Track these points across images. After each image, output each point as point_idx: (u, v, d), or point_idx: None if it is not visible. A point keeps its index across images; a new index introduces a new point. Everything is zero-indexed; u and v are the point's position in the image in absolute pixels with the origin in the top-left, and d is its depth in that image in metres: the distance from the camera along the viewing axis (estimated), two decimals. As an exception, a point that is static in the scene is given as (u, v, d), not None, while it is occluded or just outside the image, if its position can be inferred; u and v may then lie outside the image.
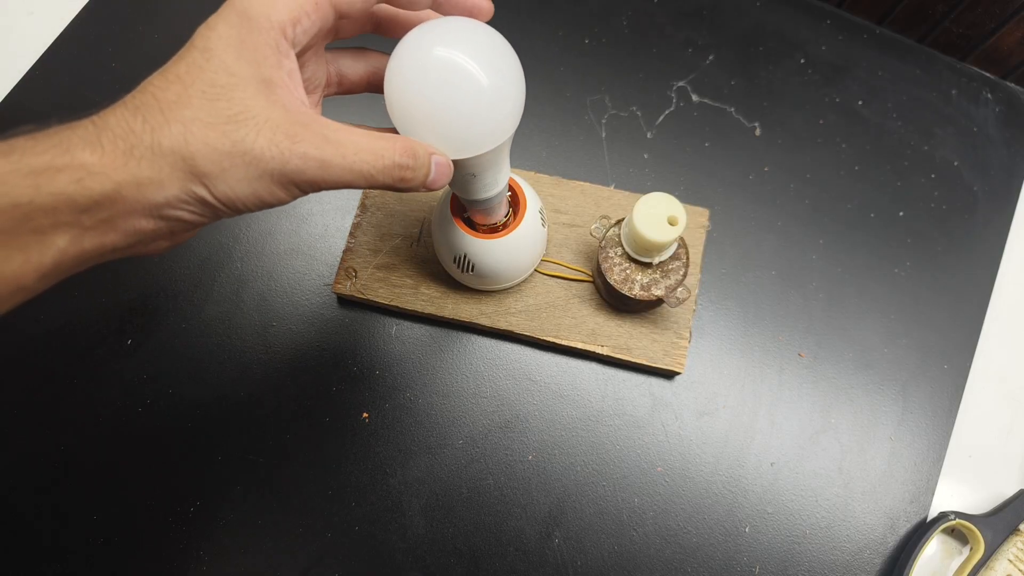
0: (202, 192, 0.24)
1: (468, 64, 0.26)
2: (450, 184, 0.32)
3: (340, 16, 0.26)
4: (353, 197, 0.49)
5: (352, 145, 0.25)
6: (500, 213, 0.39)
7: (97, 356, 0.45)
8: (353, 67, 0.31)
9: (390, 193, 0.47)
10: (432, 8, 0.29)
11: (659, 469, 0.44)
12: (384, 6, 0.29)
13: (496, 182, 0.34)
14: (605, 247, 0.41)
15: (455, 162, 0.29)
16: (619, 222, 0.42)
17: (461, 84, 0.26)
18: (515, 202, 0.41)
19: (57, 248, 0.22)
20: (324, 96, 0.31)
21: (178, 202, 0.23)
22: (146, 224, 0.23)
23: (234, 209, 0.25)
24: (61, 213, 0.21)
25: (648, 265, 0.41)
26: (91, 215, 0.22)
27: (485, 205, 0.36)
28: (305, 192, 0.25)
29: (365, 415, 0.44)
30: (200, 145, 0.23)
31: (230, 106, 0.23)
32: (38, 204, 0.21)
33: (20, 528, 0.42)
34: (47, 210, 0.21)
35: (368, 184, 0.26)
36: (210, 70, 0.23)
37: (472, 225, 0.40)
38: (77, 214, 0.22)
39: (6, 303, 0.22)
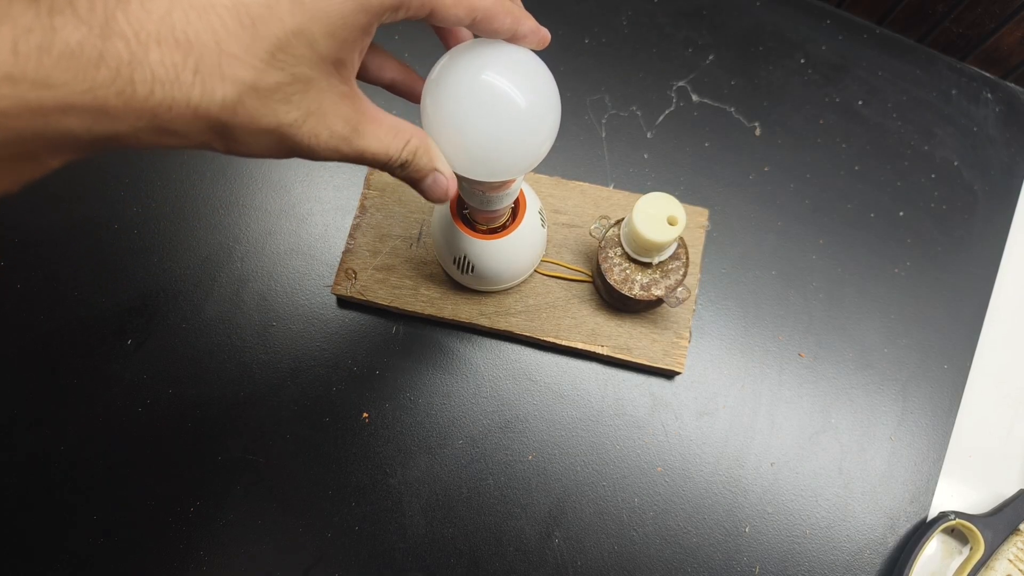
0: (217, 145, 0.22)
1: (518, 99, 0.26)
2: (459, 189, 0.32)
3: (429, 15, 0.24)
4: (353, 197, 0.49)
5: (374, 142, 0.25)
6: (502, 214, 0.39)
7: (97, 356, 0.45)
8: (379, 66, 0.29)
9: (390, 194, 0.47)
10: (508, 39, 0.27)
11: (659, 469, 0.44)
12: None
13: (509, 197, 0.35)
14: (605, 247, 0.41)
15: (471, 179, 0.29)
16: (619, 222, 0.42)
17: (507, 118, 0.26)
18: (515, 203, 0.41)
19: (50, 167, 0.20)
20: None
21: (189, 144, 0.21)
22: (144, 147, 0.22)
23: (233, 155, 0.23)
24: (64, 144, 0.19)
25: (648, 265, 0.41)
26: (95, 146, 0.20)
27: (491, 213, 0.37)
28: None
29: (365, 415, 0.44)
30: (247, 118, 0.21)
31: (292, 82, 0.21)
32: (43, 138, 0.19)
33: (20, 528, 0.42)
34: (50, 141, 0.19)
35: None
36: (291, 29, 0.20)
37: (472, 225, 0.40)
38: (81, 145, 0.19)
39: None
